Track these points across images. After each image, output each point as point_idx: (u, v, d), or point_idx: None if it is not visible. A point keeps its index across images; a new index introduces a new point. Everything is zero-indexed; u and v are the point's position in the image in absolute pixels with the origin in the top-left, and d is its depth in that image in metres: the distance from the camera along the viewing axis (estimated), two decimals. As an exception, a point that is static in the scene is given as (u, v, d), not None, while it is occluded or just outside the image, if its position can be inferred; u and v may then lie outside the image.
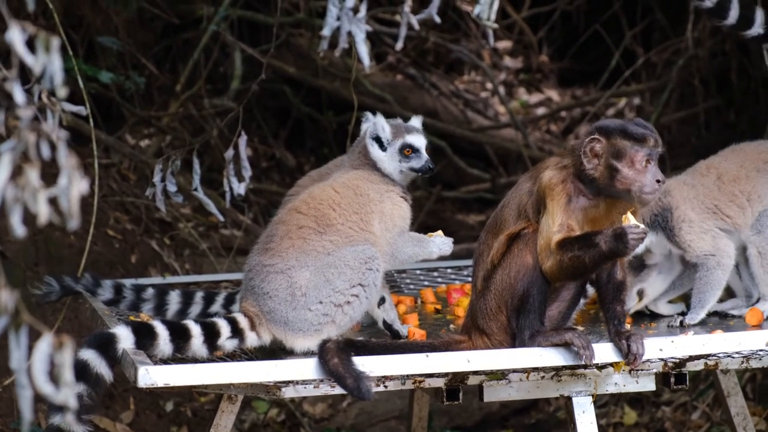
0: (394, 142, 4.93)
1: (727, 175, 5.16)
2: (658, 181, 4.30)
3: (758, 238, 5.12)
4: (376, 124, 4.97)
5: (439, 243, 4.93)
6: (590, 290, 5.09)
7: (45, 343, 2.71)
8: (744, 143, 5.33)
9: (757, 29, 5.32)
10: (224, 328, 4.58)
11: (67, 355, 2.72)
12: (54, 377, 2.75)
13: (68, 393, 2.71)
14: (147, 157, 8.33)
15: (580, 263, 4.27)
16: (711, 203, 5.11)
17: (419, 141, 4.96)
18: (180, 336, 4.46)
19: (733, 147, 5.31)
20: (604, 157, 4.33)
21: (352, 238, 4.74)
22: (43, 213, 2.70)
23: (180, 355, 4.49)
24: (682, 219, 5.07)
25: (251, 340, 4.65)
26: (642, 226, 4.22)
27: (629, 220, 4.27)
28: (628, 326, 4.55)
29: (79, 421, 4.20)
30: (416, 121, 5.05)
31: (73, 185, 2.72)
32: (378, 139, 4.95)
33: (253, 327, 4.65)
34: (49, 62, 2.77)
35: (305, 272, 4.67)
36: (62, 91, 2.81)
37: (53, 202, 2.75)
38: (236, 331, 4.61)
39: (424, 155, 4.96)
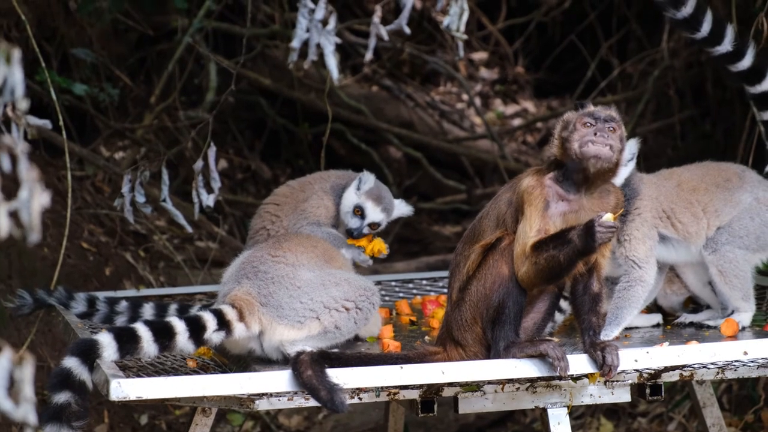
0: (362, 200, 5.45)
1: (687, 184, 5.19)
2: (596, 134, 4.38)
3: (715, 257, 5.11)
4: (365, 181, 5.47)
5: None
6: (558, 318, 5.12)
7: (4, 359, 2.68)
8: (709, 161, 5.36)
9: (726, 46, 5.32)
10: (210, 321, 4.53)
11: (26, 371, 2.68)
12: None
13: (28, 409, 2.67)
14: (121, 170, 8.28)
15: (555, 263, 4.28)
16: (668, 206, 5.12)
17: (375, 215, 5.46)
18: (164, 335, 4.40)
19: (698, 163, 5.35)
20: (558, 135, 4.49)
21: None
22: (3, 226, 2.66)
23: (168, 354, 4.50)
24: (639, 212, 5.08)
25: (239, 331, 4.61)
26: (614, 222, 4.25)
27: (605, 216, 4.28)
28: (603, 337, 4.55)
29: (71, 428, 4.18)
30: (402, 206, 5.61)
31: (34, 198, 2.68)
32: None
33: (241, 317, 4.62)
34: (10, 74, 2.73)
35: (309, 273, 4.78)
36: (23, 104, 2.77)
37: (14, 215, 2.71)
38: (223, 323, 4.57)
39: (362, 225, 5.44)
